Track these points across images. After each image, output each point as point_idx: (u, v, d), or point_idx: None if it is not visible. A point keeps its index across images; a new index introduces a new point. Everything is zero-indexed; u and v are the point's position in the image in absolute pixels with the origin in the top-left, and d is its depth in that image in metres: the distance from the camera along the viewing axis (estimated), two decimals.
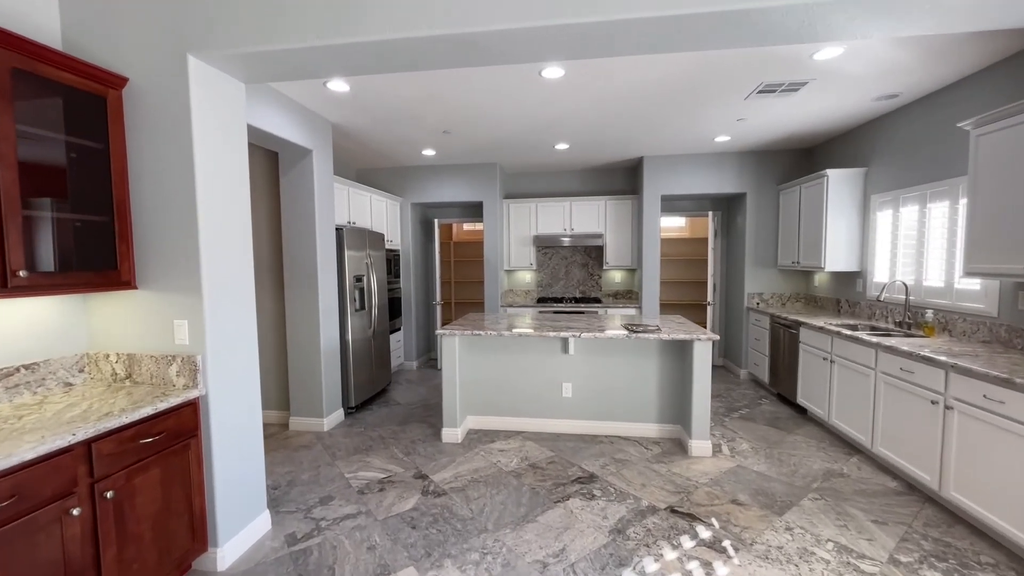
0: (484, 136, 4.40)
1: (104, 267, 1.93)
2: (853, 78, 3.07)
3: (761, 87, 3.18)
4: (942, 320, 3.24)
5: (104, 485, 1.61)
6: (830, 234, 4.19)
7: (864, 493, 2.75)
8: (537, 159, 5.41)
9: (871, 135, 4.05)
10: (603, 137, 4.50)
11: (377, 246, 4.70)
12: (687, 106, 3.62)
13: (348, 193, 4.53)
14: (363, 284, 4.38)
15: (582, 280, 6.19)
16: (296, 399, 3.84)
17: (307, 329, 3.77)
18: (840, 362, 3.44)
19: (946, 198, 3.21)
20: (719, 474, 3.00)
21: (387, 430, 3.82)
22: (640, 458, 3.24)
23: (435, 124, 4.02)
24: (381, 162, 5.49)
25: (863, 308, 4.13)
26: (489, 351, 3.77)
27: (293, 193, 3.72)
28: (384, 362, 4.82)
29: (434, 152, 5.03)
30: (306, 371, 3.80)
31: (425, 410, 4.31)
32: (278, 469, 3.13)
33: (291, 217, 3.73)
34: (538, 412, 3.75)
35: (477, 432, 3.73)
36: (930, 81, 3.13)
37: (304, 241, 3.72)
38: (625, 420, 3.65)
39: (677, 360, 3.56)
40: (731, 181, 5.22)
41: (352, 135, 4.33)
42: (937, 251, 3.28)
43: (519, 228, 5.94)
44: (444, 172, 5.68)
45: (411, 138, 4.46)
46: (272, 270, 3.92)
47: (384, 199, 5.33)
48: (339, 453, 3.38)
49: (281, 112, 3.28)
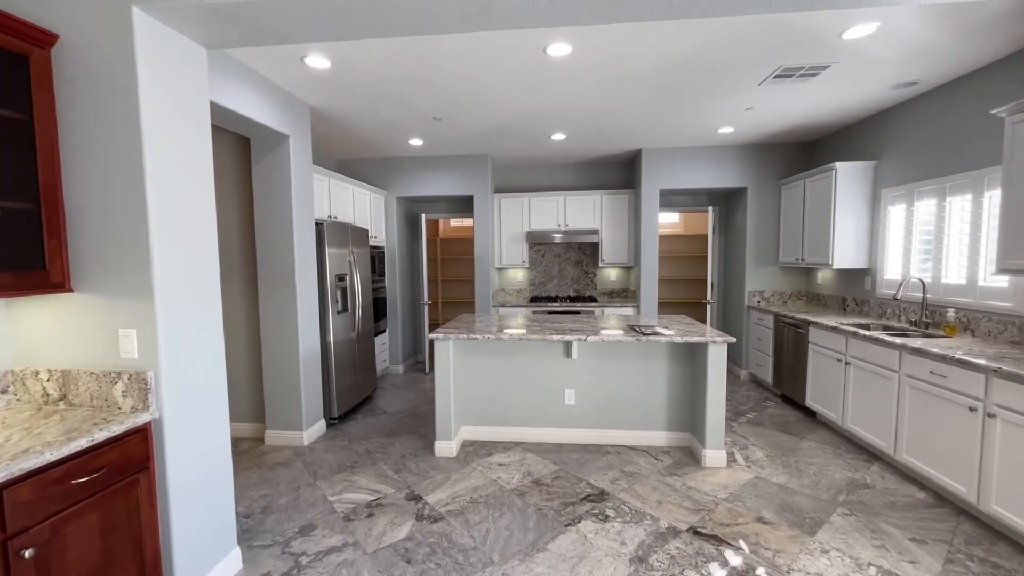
0: (477, 124, 4.10)
1: (29, 266, 1.57)
2: (876, 63, 2.88)
3: (779, 71, 2.96)
4: (963, 319, 3.09)
5: (20, 542, 1.27)
6: (838, 230, 4.02)
7: (894, 506, 2.57)
8: (531, 150, 5.13)
9: (882, 127, 3.90)
10: (603, 126, 4.24)
11: (360, 242, 4.35)
12: (697, 92, 3.38)
13: (329, 185, 4.17)
14: (346, 283, 4.04)
15: (576, 278, 5.94)
16: (272, 411, 3.49)
17: (284, 333, 3.41)
18: (857, 364, 3.27)
19: (968, 191, 3.06)
20: (738, 487, 2.79)
21: (374, 443, 3.50)
22: (651, 470, 3.01)
23: (425, 109, 3.70)
24: (365, 152, 5.13)
25: (872, 306, 3.98)
26: (485, 356, 3.48)
27: (268, 183, 3.35)
28: (369, 367, 4.48)
29: (422, 142, 4.70)
30: (283, 379, 3.45)
31: (414, 419, 4.00)
32: (251, 493, 2.79)
33: (265, 210, 3.37)
34: (539, 421, 3.48)
35: (473, 444, 3.44)
36: (954, 66, 2.96)
37: (280, 236, 3.36)
38: (632, 428, 3.41)
39: (687, 364, 3.34)
40: (731, 175, 5.04)
41: (333, 120, 3.98)
42: (958, 247, 3.13)
43: (511, 224, 5.65)
44: (432, 164, 5.35)
45: (398, 125, 4.13)
46: (244, 268, 3.54)
47: (368, 192, 4.97)
48: (321, 471, 3.05)
49: (254, 92, 2.92)
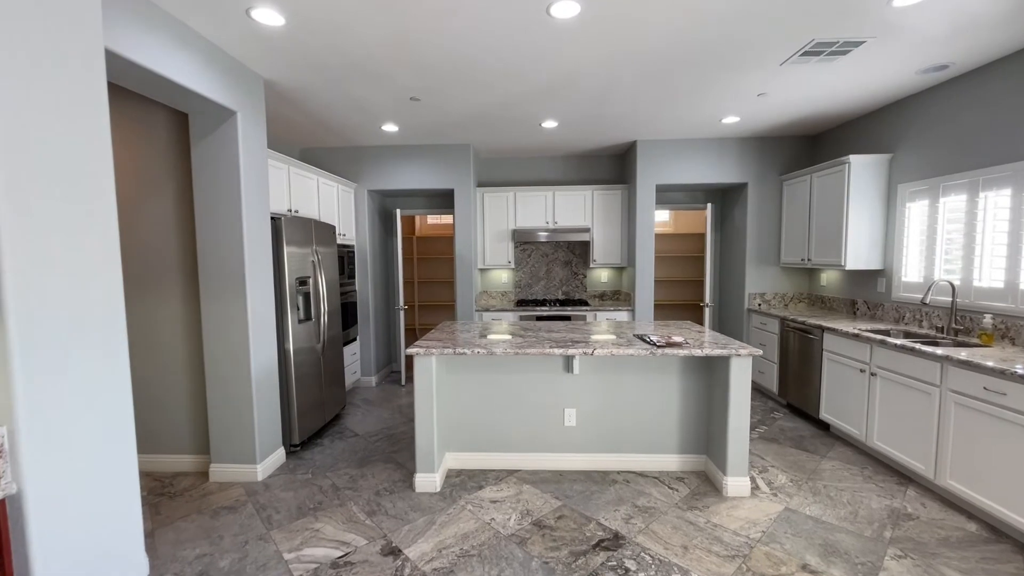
0: (461, 105, 3.62)
1: None
2: (914, 40, 2.56)
3: (810, 46, 2.61)
4: (1001, 326, 2.82)
5: None
6: (851, 228, 3.74)
7: (947, 543, 2.24)
8: (519, 140, 4.68)
9: (898, 117, 3.63)
10: (599, 113, 3.84)
11: (327, 241, 3.81)
12: (712, 71, 3.01)
13: (288, 174, 3.61)
14: (309, 287, 3.50)
15: (565, 280, 5.54)
16: (219, 440, 2.92)
17: (233, 348, 2.86)
18: (885, 376, 2.96)
19: (1007, 185, 2.79)
20: (769, 523, 2.42)
21: (342, 475, 2.98)
22: (668, 503, 2.61)
23: (402, 86, 3.20)
24: (331, 139, 4.57)
25: (887, 311, 3.72)
26: (473, 372, 3.02)
27: (211, 168, 2.79)
28: (337, 381, 3.94)
29: (397, 128, 4.19)
30: (232, 403, 2.89)
31: (390, 443, 3.49)
32: (185, 552, 2.24)
33: (208, 200, 2.81)
34: (535, 445, 3.04)
35: (459, 474, 2.97)
36: (995, 47, 2.67)
37: (227, 233, 2.81)
38: (641, 452, 3.01)
39: (701, 378, 2.96)
40: (731, 170, 4.72)
41: (295, 100, 3.43)
42: (995, 247, 2.86)
43: (495, 221, 5.19)
44: (408, 154, 4.83)
45: (370, 107, 3.61)
46: (183, 270, 2.97)
47: (335, 184, 4.42)
48: (277, 517, 2.52)
49: (191, 56, 2.37)
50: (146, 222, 2.95)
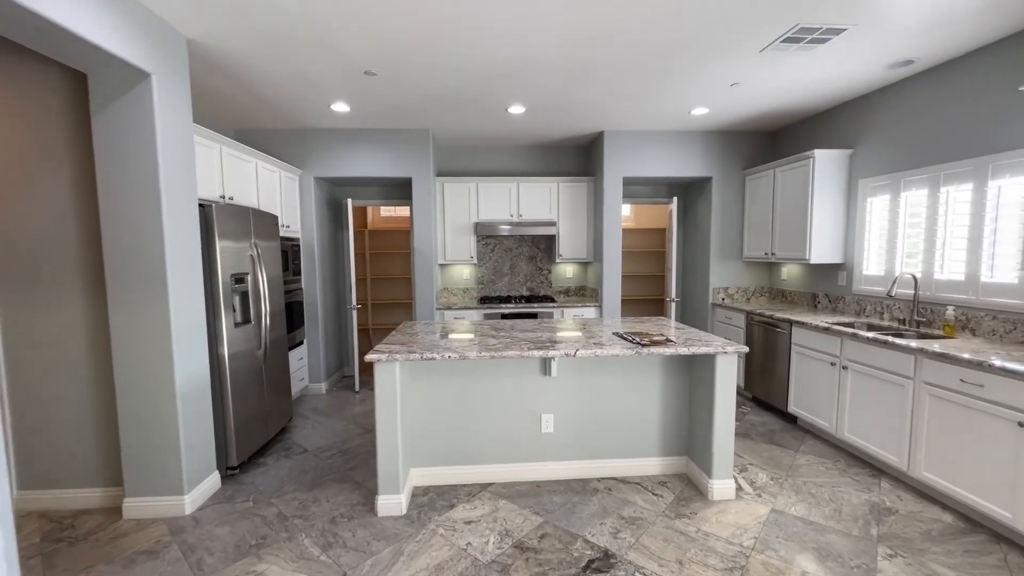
0: (422, 83, 3.29)
1: None
2: (893, 29, 2.54)
3: (794, 31, 2.52)
4: (962, 318, 2.89)
5: None
6: (816, 222, 3.78)
7: (931, 537, 2.23)
8: (482, 127, 4.40)
9: (857, 113, 3.69)
10: (570, 99, 3.63)
11: (268, 233, 3.36)
12: (691, 54, 2.87)
13: (221, 155, 3.13)
14: (247, 286, 3.05)
15: (530, 275, 5.32)
16: (135, 469, 2.45)
17: (151, 358, 2.40)
18: (857, 369, 2.97)
19: (968, 180, 2.85)
20: (759, 527, 2.31)
21: (290, 501, 2.60)
22: (654, 512, 2.45)
23: (355, 57, 2.83)
24: (272, 120, 4.08)
25: (848, 303, 3.79)
26: (440, 378, 2.72)
27: (119, 143, 2.31)
28: (282, 389, 3.50)
29: (348, 108, 3.78)
30: (151, 423, 2.43)
31: (345, 459, 3.12)
32: None
33: (116, 182, 2.32)
34: (509, 455, 2.80)
35: (427, 491, 2.68)
36: (963, 40, 2.71)
37: (142, 222, 2.34)
38: (621, 456, 2.85)
39: (682, 377, 2.84)
40: (697, 164, 4.69)
41: (228, 69, 2.96)
42: (956, 240, 2.92)
43: (456, 213, 4.88)
44: (361, 138, 4.41)
45: (319, 81, 3.19)
46: (85, 268, 2.46)
47: (277, 169, 3.94)
48: (211, 560, 2.12)
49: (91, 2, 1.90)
50: (35, 207, 2.41)
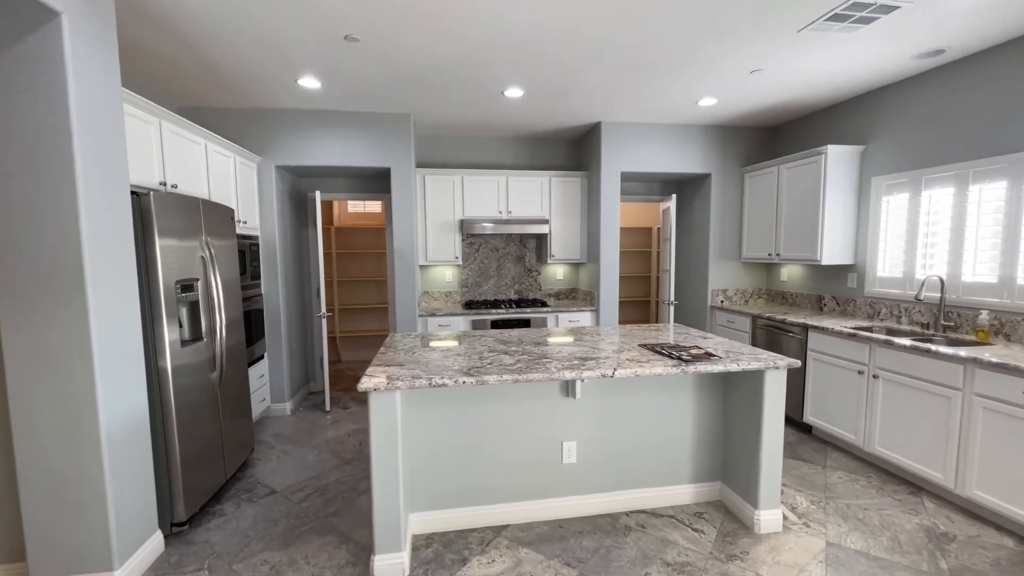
0: (411, 55, 2.81)
1: None
2: (940, 14, 2.33)
3: (846, 5, 2.25)
4: (995, 322, 2.76)
5: None
6: (827, 222, 3.60)
7: (999, 565, 2.02)
8: (470, 112, 3.95)
9: (870, 108, 3.53)
10: (574, 83, 3.26)
11: (223, 230, 2.78)
12: (717, 35, 2.57)
13: (161, 131, 2.53)
14: (197, 294, 2.47)
15: (518, 277, 4.92)
16: (43, 543, 1.85)
17: (63, 393, 1.81)
18: (890, 378, 2.77)
19: (1002, 177, 2.71)
20: (822, 569, 2.03)
21: (259, 567, 2.07)
22: (701, 554, 2.12)
23: (336, 17, 2.32)
24: (226, 95, 3.45)
25: (860, 306, 3.64)
26: (442, 404, 2.28)
27: (14, 105, 1.71)
28: (241, 414, 2.93)
29: (320, 84, 3.23)
30: (65, 479, 1.84)
31: (323, 500, 2.60)
32: None
33: (13, 157, 1.73)
34: (526, 491, 2.39)
35: (430, 541, 2.22)
36: (1001, 30, 2.55)
37: (49, 211, 1.75)
38: (650, 485, 2.51)
39: (716, 394, 2.53)
40: (697, 160, 4.45)
41: (168, 22, 2.37)
42: (989, 240, 2.78)
43: (440, 209, 4.41)
44: (332, 121, 3.85)
45: (286, 46, 2.65)
46: None
47: (231, 154, 3.33)
48: None
49: None
50: None
